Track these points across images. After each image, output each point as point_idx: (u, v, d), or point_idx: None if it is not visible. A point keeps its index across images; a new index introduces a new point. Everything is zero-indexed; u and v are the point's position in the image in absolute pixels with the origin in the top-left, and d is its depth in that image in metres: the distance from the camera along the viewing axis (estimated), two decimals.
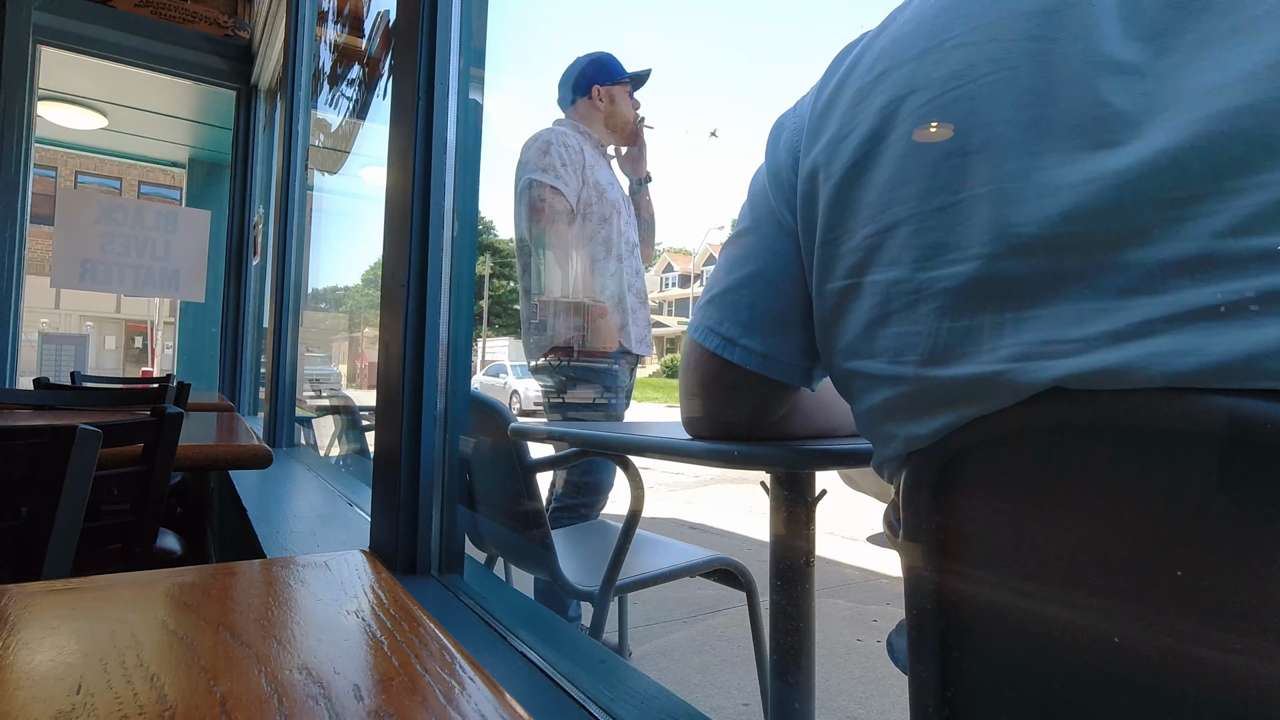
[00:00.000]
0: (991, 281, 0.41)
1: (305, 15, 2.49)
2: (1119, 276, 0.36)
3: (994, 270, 0.40)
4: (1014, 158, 0.41)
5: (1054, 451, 0.39)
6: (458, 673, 0.37)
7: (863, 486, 0.99)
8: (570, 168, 1.74)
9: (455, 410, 0.89)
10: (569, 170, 1.73)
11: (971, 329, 0.41)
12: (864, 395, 0.50)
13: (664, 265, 35.56)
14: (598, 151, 1.87)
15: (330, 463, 2.36)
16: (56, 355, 12.58)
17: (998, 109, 0.42)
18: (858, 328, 0.49)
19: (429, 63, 0.87)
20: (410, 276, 0.85)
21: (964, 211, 0.42)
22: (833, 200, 0.52)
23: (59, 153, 13.03)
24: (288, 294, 2.36)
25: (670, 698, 0.60)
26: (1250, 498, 0.32)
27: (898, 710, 1.73)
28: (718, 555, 1.38)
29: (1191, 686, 0.33)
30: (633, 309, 1.83)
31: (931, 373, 0.43)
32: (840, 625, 2.32)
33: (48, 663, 0.35)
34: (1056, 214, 0.38)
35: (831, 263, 0.52)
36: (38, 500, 0.74)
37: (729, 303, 0.64)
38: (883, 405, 0.47)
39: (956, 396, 0.42)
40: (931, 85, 0.46)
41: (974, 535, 0.44)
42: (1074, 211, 0.38)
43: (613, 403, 1.78)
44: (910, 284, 0.45)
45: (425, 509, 0.86)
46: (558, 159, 1.72)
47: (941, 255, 0.43)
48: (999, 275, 0.40)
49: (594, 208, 1.78)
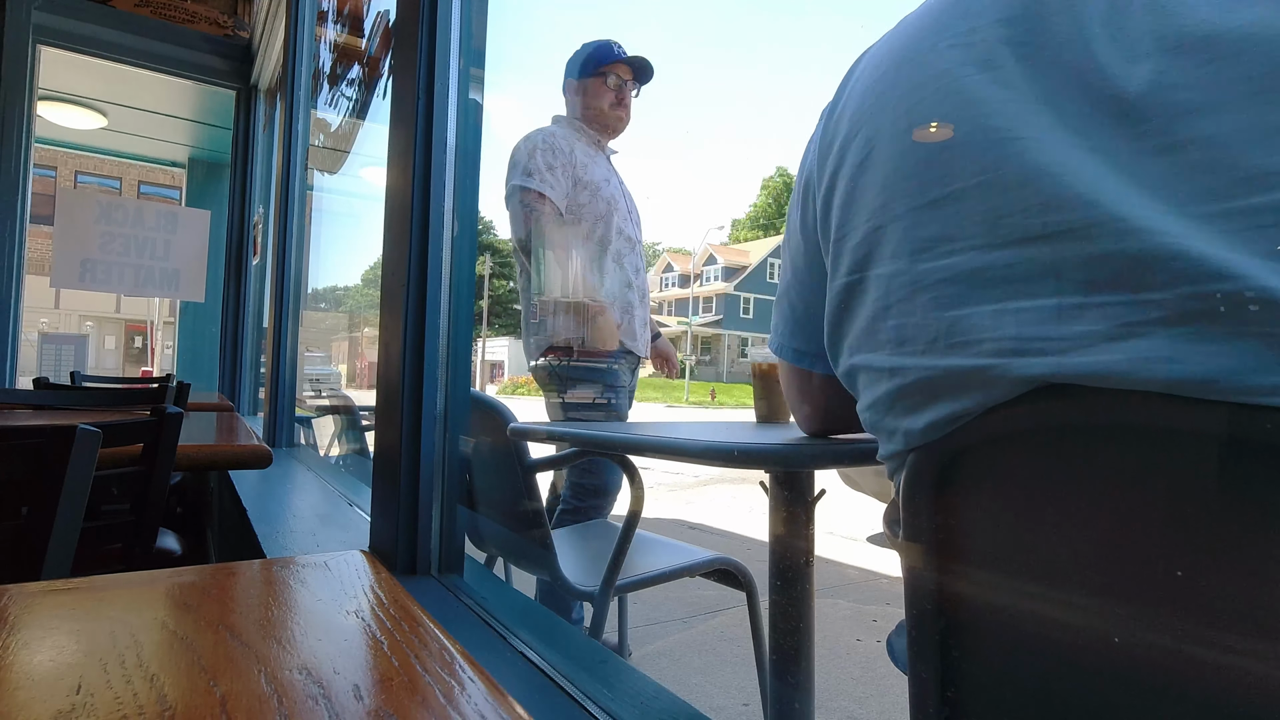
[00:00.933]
0: (983, 272, 0.41)
1: (305, 15, 2.49)
2: (1103, 270, 0.36)
3: (984, 261, 0.41)
4: (1000, 147, 0.41)
5: (1054, 451, 0.39)
6: (458, 673, 0.37)
7: (863, 486, 0.99)
8: (557, 170, 1.73)
9: (455, 410, 0.89)
10: (555, 173, 1.72)
11: (962, 320, 0.42)
12: (867, 390, 0.51)
13: (664, 265, 35.56)
14: (593, 148, 1.85)
15: (330, 462, 2.36)
16: (56, 355, 12.58)
17: (985, 103, 0.43)
18: (862, 322, 0.50)
19: (429, 63, 0.87)
20: (410, 276, 0.85)
21: (955, 204, 0.43)
22: (844, 200, 0.53)
23: (59, 153, 13.03)
24: (288, 294, 2.36)
25: (670, 698, 0.60)
26: (1249, 498, 0.32)
27: (898, 710, 1.73)
28: (718, 555, 1.38)
29: (1191, 686, 0.33)
30: (632, 306, 1.82)
31: (927, 362, 0.44)
32: (840, 625, 2.32)
33: (48, 663, 0.35)
34: (1040, 203, 0.38)
35: (839, 260, 0.53)
36: (38, 500, 0.74)
37: (780, 310, 0.70)
38: (884, 398, 0.48)
39: (951, 388, 0.42)
40: (926, 83, 0.47)
41: (974, 535, 0.44)
42: (1062, 200, 0.38)
43: (614, 402, 1.78)
44: (908, 276, 0.46)
45: (425, 509, 0.86)
46: (543, 162, 1.72)
47: (935, 247, 0.44)
48: (990, 266, 0.41)
49: (587, 207, 1.77)
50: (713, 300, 33.05)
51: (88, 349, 15.49)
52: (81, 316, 19.33)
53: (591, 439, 0.97)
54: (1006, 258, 0.40)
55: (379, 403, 0.92)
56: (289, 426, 2.35)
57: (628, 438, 0.87)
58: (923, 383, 0.44)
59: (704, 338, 31.73)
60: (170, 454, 0.99)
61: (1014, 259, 0.39)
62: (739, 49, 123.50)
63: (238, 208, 3.79)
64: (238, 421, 1.69)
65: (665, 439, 0.78)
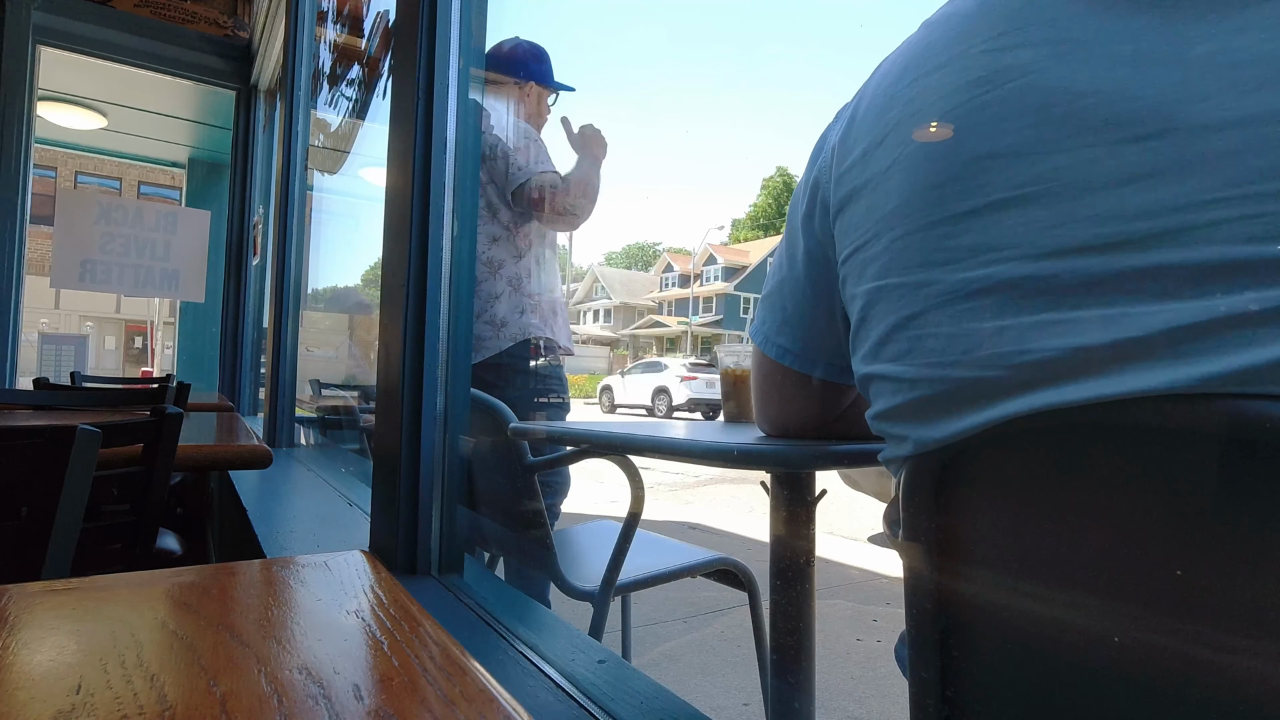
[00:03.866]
0: (1014, 285, 0.40)
1: (305, 15, 2.49)
2: (1150, 282, 0.35)
3: (1016, 274, 0.40)
4: (1037, 161, 0.40)
5: (1054, 451, 0.39)
6: (458, 673, 0.37)
7: (863, 486, 0.99)
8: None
9: (455, 410, 0.89)
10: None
11: (989, 333, 0.41)
12: (882, 398, 0.50)
13: (664, 265, 35.57)
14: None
15: (330, 462, 2.36)
16: (56, 355, 12.59)
17: (1022, 113, 0.41)
18: (881, 331, 0.49)
19: (429, 63, 0.87)
20: (410, 276, 0.85)
21: (988, 216, 0.42)
22: (864, 208, 0.52)
23: (59, 153, 13.03)
24: (288, 294, 2.36)
25: (670, 697, 0.60)
26: (1251, 499, 0.32)
27: (898, 710, 1.73)
28: (719, 555, 1.38)
29: (1191, 687, 0.33)
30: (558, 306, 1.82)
31: (949, 374, 0.43)
32: (841, 625, 2.32)
33: (48, 663, 0.35)
34: (1090, 215, 0.37)
35: (860, 269, 0.53)
36: (38, 500, 0.74)
37: (770, 304, 0.69)
38: (904, 407, 0.47)
39: (973, 400, 0.41)
40: (957, 91, 0.45)
41: (974, 535, 0.44)
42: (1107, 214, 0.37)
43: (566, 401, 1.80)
44: (932, 288, 0.45)
45: (425, 509, 0.86)
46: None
47: (964, 259, 0.43)
48: (1022, 279, 0.40)
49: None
50: (713, 300, 33.06)
51: (88, 349, 15.49)
52: (81, 317, 19.33)
53: (592, 438, 0.97)
54: (1041, 270, 0.38)
55: (379, 403, 0.92)
56: (289, 426, 2.35)
57: (628, 437, 0.87)
58: (941, 395, 0.43)
59: (704, 338, 31.74)
60: (170, 454, 0.99)
61: (1050, 271, 0.38)
62: (739, 49, 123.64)
63: (238, 208, 3.79)
64: (238, 422, 1.69)
65: (665, 439, 0.78)
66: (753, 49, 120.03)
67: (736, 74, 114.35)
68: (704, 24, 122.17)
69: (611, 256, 62.05)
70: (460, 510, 0.90)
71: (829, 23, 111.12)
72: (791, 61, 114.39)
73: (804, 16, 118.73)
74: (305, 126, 2.45)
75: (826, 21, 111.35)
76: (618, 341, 33.92)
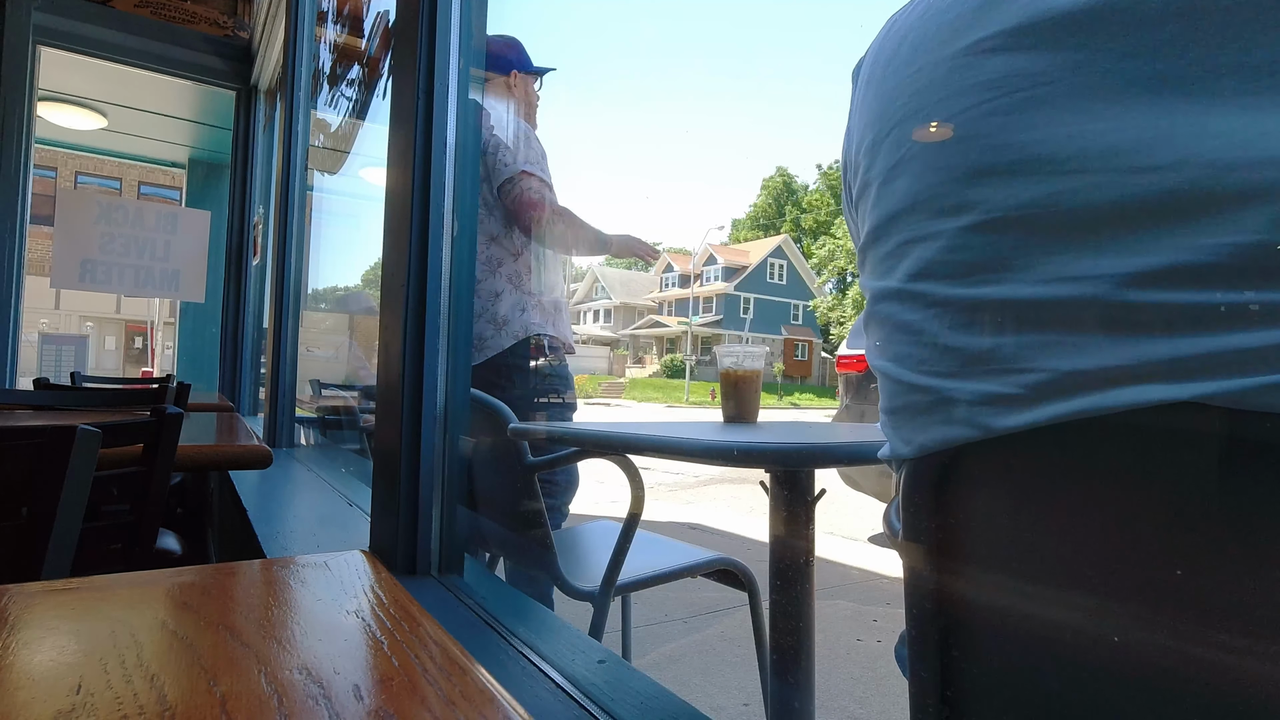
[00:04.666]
0: (1035, 303, 0.39)
1: (305, 15, 2.49)
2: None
3: (1039, 292, 0.39)
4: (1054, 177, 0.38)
5: (1054, 452, 0.39)
6: (458, 673, 0.37)
7: (863, 486, 0.99)
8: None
9: (455, 410, 0.89)
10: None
11: (997, 348, 0.40)
12: (888, 397, 0.50)
13: (664, 265, 35.56)
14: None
15: (330, 463, 2.36)
16: (56, 355, 12.59)
17: (1045, 123, 0.39)
18: (887, 330, 0.49)
19: (429, 63, 0.87)
20: (410, 276, 0.85)
21: (1002, 230, 0.40)
22: (872, 205, 0.51)
23: (59, 153, 13.02)
24: (288, 294, 2.36)
25: (670, 698, 0.60)
26: (1250, 499, 0.32)
27: (898, 710, 1.73)
28: (719, 555, 1.38)
29: (1191, 686, 0.33)
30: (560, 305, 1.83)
31: (954, 385, 0.43)
32: (840, 625, 2.32)
33: (48, 663, 0.35)
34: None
35: (870, 266, 0.52)
36: (38, 500, 0.74)
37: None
38: (903, 410, 0.47)
39: (979, 413, 0.41)
40: (973, 90, 0.42)
41: (974, 535, 0.44)
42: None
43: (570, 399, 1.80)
44: (939, 297, 0.44)
45: (425, 509, 0.86)
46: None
47: (973, 274, 0.42)
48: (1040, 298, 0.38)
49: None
50: (713, 300, 33.07)
51: (88, 349, 15.49)
52: (81, 317, 19.33)
53: (592, 438, 0.97)
54: (1062, 290, 0.37)
55: (379, 403, 0.92)
56: (289, 426, 2.35)
57: (628, 437, 0.87)
58: (945, 404, 0.43)
59: (704, 338, 31.74)
60: (170, 454, 0.99)
61: (1075, 291, 0.37)
62: (739, 48, 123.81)
63: (238, 208, 3.79)
64: (238, 422, 1.69)
65: (665, 439, 0.78)
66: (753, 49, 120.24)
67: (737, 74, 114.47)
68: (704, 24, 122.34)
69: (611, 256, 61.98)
70: (461, 511, 0.90)
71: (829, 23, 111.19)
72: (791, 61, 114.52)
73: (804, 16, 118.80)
74: (305, 126, 2.45)
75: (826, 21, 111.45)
76: (618, 341, 33.93)
